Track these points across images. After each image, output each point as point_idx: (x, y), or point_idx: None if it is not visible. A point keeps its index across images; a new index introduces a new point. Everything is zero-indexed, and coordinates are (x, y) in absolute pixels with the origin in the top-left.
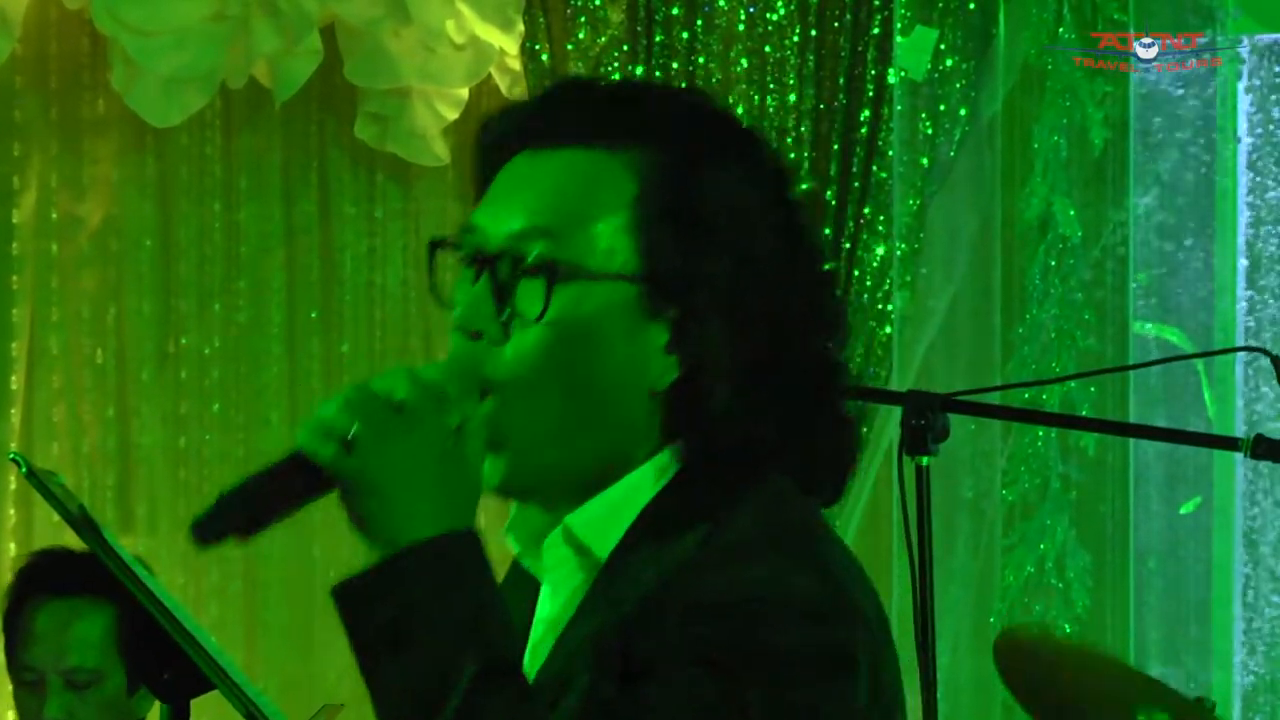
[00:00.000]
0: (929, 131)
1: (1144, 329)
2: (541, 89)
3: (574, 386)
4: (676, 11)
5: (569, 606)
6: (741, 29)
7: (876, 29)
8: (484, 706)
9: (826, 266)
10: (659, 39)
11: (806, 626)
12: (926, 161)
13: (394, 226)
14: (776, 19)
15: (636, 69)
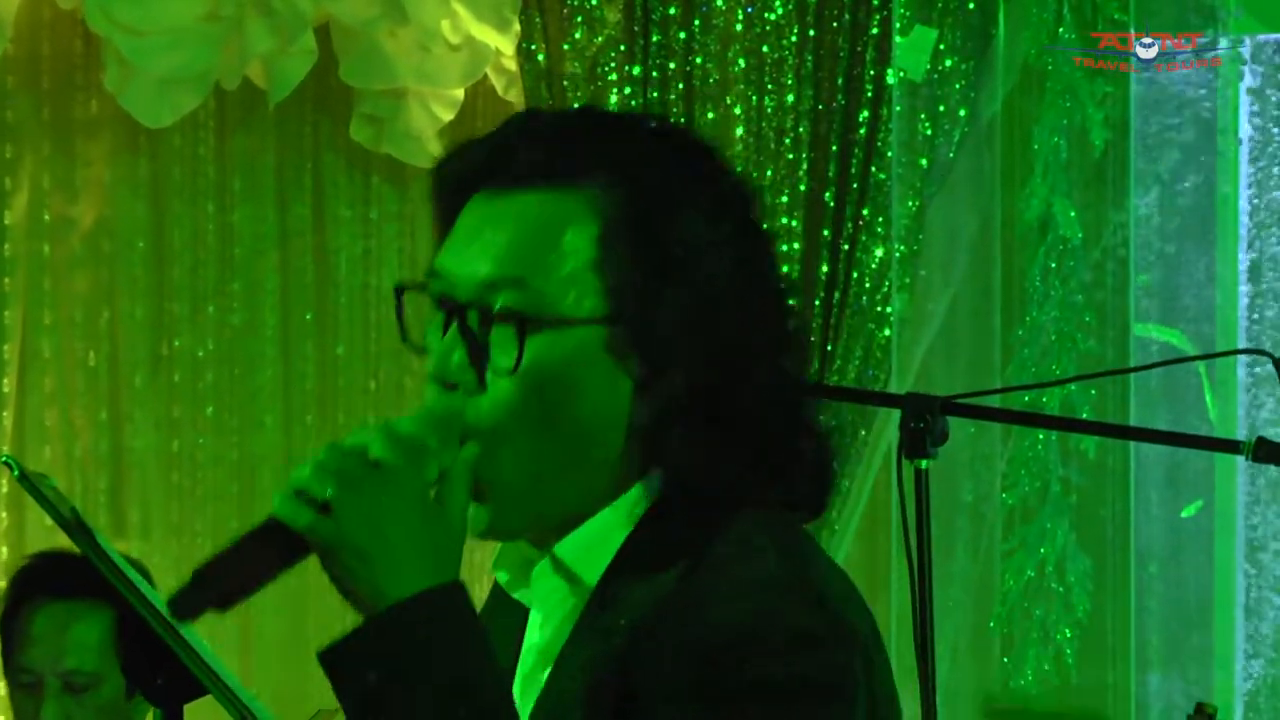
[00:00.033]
0: (928, 132)
1: (1145, 331)
2: (535, 92)
3: (553, 431)
4: (674, 11)
5: (561, 634)
6: (739, 29)
7: (875, 29)
8: None
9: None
10: (656, 39)
11: (801, 654)
12: (925, 162)
13: (389, 229)
14: (774, 19)
15: (633, 69)
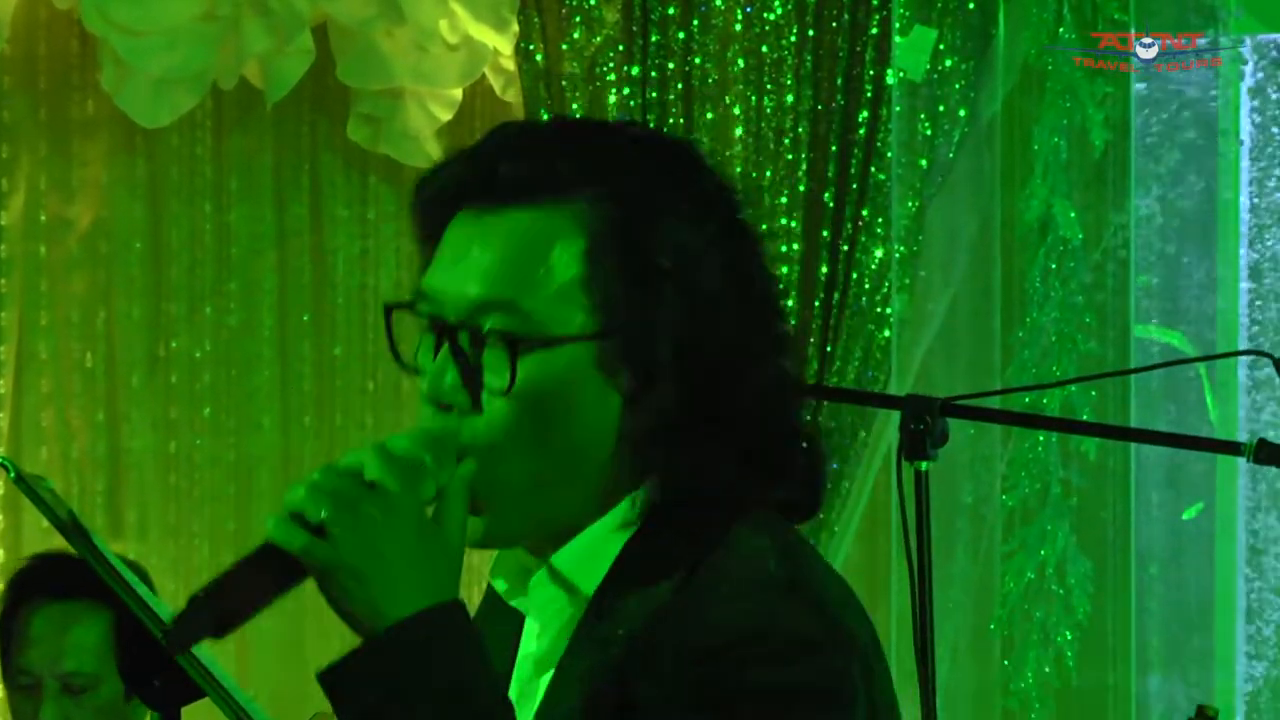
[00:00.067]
0: (928, 133)
1: (1145, 332)
2: (534, 93)
3: (548, 447)
4: (672, 11)
5: (558, 643)
6: (738, 29)
7: (875, 29)
8: None
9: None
10: (655, 39)
11: (800, 659)
12: (925, 163)
13: (387, 229)
14: (774, 19)
15: (632, 69)
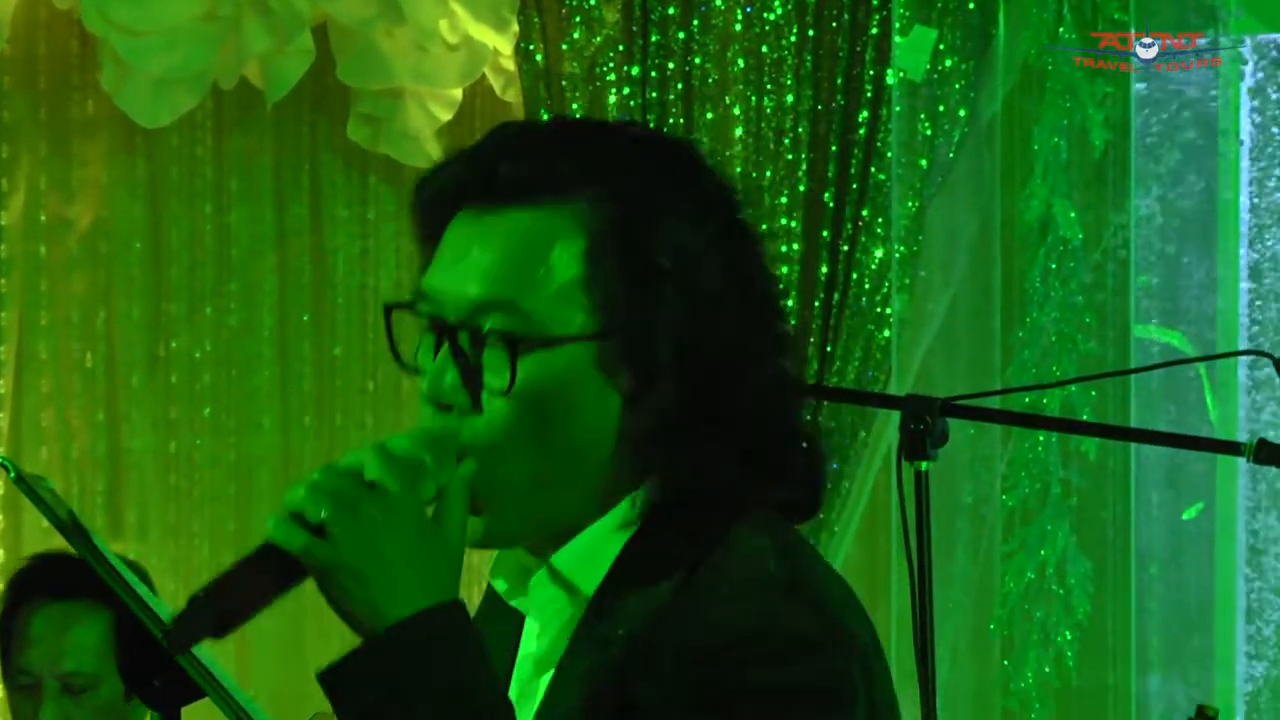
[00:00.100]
0: (928, 133)
1: (1145, 332)
2: (533, 93)
3: (548, 446)
4: (672, 11)
5: (558, 643)
6: (738, 29)
7: (875, 29)
8: None
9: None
10: (655, 39)
11: (800, 659)
12: (925, 163)
13: (387, 229)
14: (774, 19)
15: (632, 69)
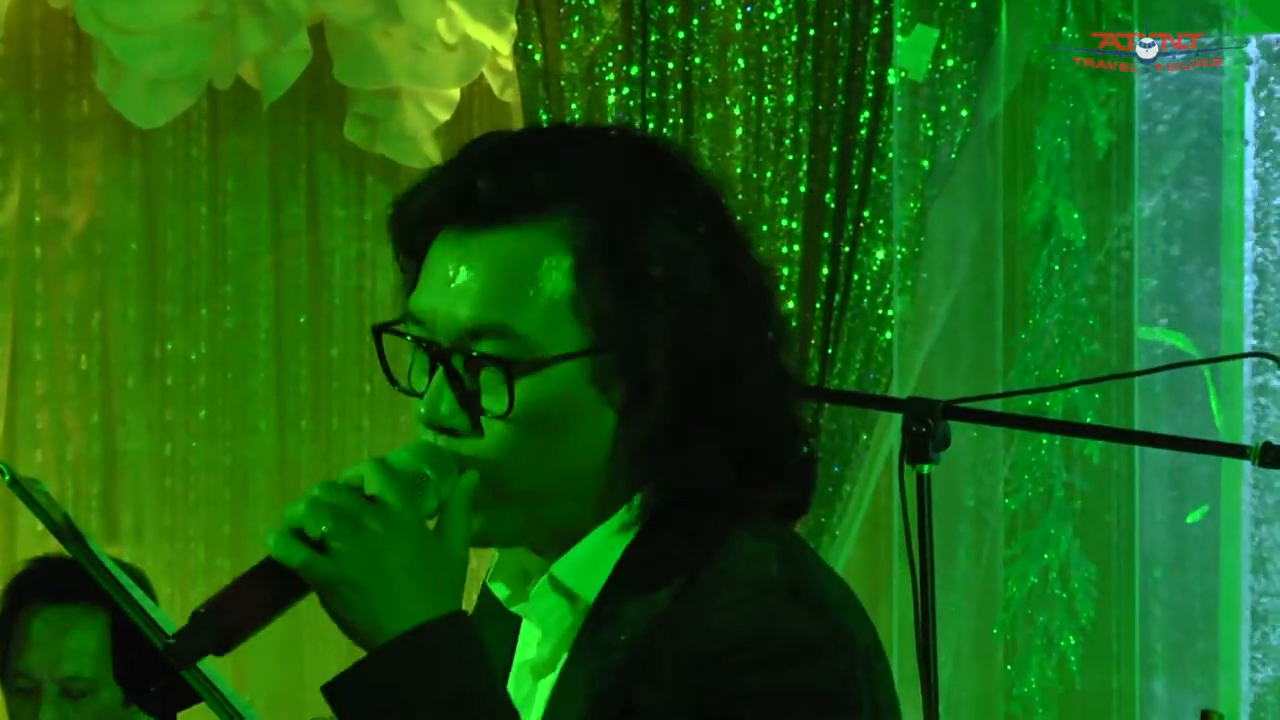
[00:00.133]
0: (929, 133)
1: (1149, 334)
2: (532, 92)
3: (547, 462)
4: (672, 10)
5: (559, 651)
6: (739, 28)
7: (876, 28)
8: None
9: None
10: (654, 38)
11: (803, 664)
12: (927, 164)
13: (384, 230)
14: (774, 18)
15: (631, 69)
